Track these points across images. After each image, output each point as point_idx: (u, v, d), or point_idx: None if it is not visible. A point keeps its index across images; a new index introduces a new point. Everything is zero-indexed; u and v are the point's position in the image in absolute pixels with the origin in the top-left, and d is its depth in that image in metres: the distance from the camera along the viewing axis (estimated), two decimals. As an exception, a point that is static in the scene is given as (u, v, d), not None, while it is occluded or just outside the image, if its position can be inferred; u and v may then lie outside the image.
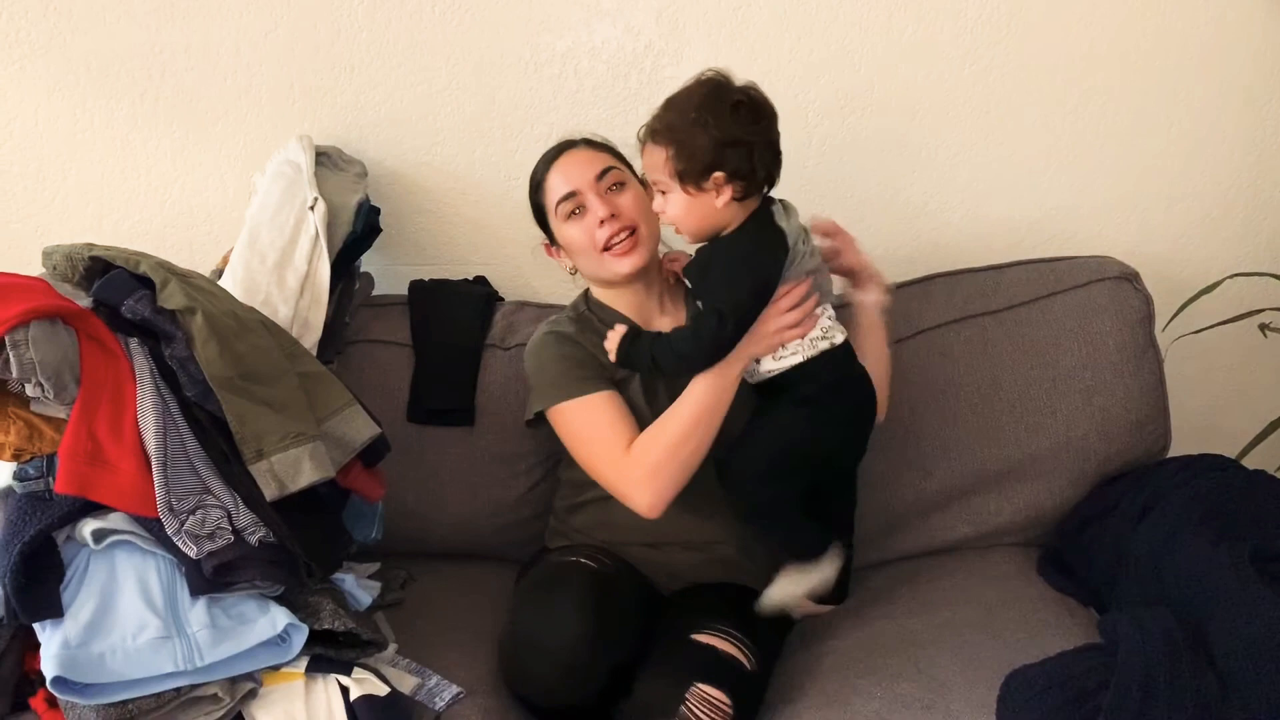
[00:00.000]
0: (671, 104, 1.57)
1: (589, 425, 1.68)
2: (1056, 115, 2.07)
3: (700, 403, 1.61)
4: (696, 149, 1.53)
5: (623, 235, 1.70)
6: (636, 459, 1.63)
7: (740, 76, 1.62)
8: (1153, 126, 2.08)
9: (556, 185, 1.73)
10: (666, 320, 1.79)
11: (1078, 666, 1.44)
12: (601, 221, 1.69)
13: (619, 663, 1.56)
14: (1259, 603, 1.42)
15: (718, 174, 1.54)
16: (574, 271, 1.80)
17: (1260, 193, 2.12)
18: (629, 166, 1.78)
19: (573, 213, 1.71)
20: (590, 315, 1.80)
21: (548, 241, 1.80)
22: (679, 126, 1.54)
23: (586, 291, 1.84)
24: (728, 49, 2.02)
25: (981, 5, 2.01)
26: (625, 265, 1.71)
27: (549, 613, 1.55)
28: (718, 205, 1.56)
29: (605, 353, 1.68)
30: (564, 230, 1.73)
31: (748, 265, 1.58)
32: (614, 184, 1.72)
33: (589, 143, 1.78)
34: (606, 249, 1.70)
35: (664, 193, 1.59)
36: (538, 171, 1.78)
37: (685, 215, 1.58)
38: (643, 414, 1.69)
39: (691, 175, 1.55)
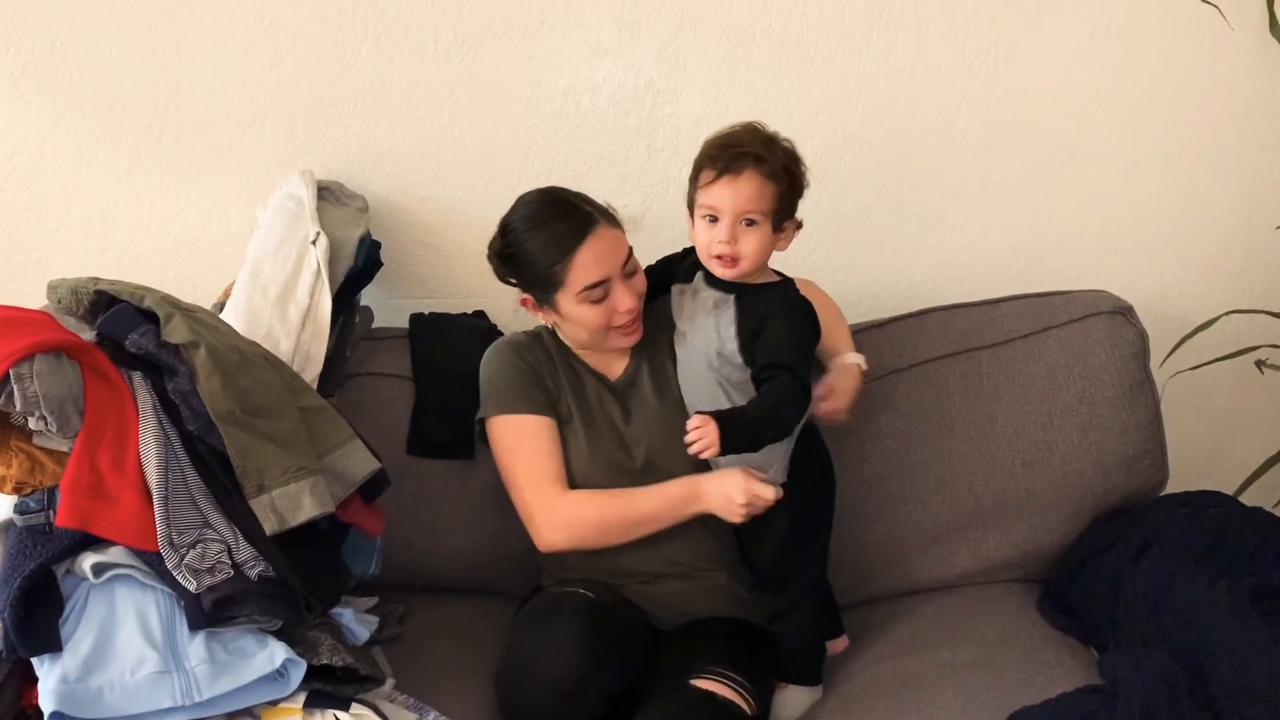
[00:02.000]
0: (769, 143, 1.61)
1: (520, 445, 1.73)
2: (1054, 152, 2.09)
3: (662, 514, 1.68)
4: (798, 188, 1.62)
5: (632, 318, 1.72)
6: (571, 503, 1.69)
7: (742, 115, 1.66)
8: (1149, 163, 2.10)
9: (587, 269, 1.65)
10: (619, 362, 1.81)
11: (1078, 708, 1.44)
12: (626, 310, 1.70)
13: (616, 693, 1.56)
14: (1258, 642, 1.43)
15: (794, 220, 1.64)
16: (552, 326, 1.80)
17: (1256, 230, 2.13)
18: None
19: (597, 299, 1.68)
20: (548, 339, 1.82)
21: (530, 299, 1.75)
22: (791, 169, 1.60)
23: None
24: (728, 87, 2.05)
25: (979, 43, 2.03)
26: (629, 342, 1.75)
27: (546, 640, 1.55)
28: (778, 248, 1.65)
29: (552, 375, 1.76)
30: (576, 310, 1.69)
31: (807, 322, 1.68)
32: (632, 269, 1.72)
33: (607, 216, 1.71)
34: (612, 329, 1.72)
35: (751, 224, 1.60)
36: (552, 246, 1.66)
37: (759, 251, 1.62)
38: (580, 452, 1.73)
39: (783, 216, 1.62)
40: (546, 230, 1.68)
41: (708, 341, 1.65)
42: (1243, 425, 2.24)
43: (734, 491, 1.62)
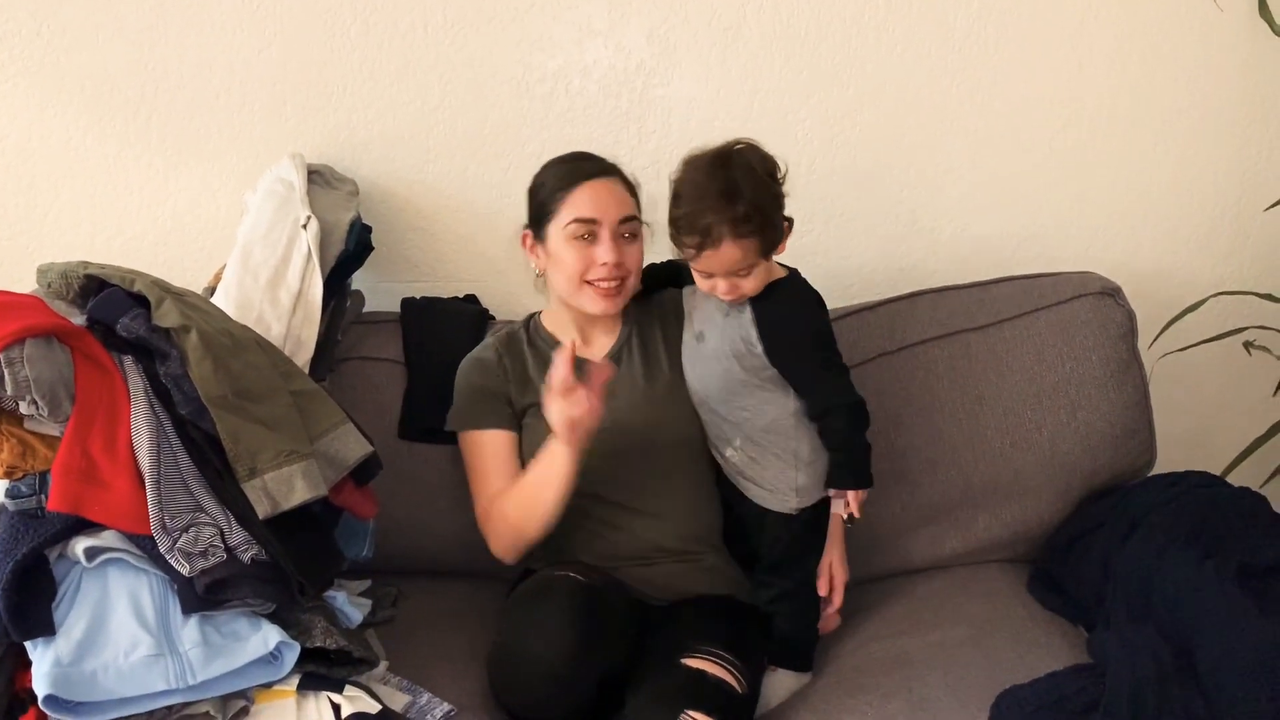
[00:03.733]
0: (728, 193, 1.55)
1: (474, 460, 1.79)
2: (1044, 134, 2.09)
3: (539, 474, 1.66)
4: (773, 216, 1.59)
5: (613, 282, 1.73)
6: (492, 516, 1.74)
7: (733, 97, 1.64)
8: (1139, 146, 2.11)
9: (581, 203, 1.72)
10: (606, 340, 1.82)
11: (1068, 687, 1.45)
12: (604, 263, 1.71)
13: (608, 674, 1.57)
14: (1245, 620, 1.44)
15: (785, 223, 1.63)
16: (541, 274, 1.82)
17: (1244, 212, 2.14)
18: (640, 212, 1.79)
19: (582, 236, 1.72)
20: (522, 338, 1.84)
21: (531, 233, 1.80)
22: (758, 207, 1.56)
23: (534, 316, 1.88)
24: (718, 69, 2.04)
25: (969, 25, 2.03)
26: (600, 307, 1.75)
27: (537, 623, 1.55)
28: (777, 254, 1.65)
29: (518, 380, 1.78)
30: (561, 246, 1.73)
31: (822, 308, 1.71)
32: (629, 233, 1.75)
33: (623, 178, 1.78)
34: (588, 283, 1.73)
35: (744, 276, 1.61)
36: (562, 177, 1.75)
37: (760, 283, 1.64)
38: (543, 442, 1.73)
39: (775, 242, 1.61)
40: (563, 165, 1.78)
41: (730, 341, 1.68)
42: (1230, 406, 2.25)
43: (551, 411, 1.59)
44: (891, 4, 2.02)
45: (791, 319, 1.67)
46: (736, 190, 1.55)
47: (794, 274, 1.72)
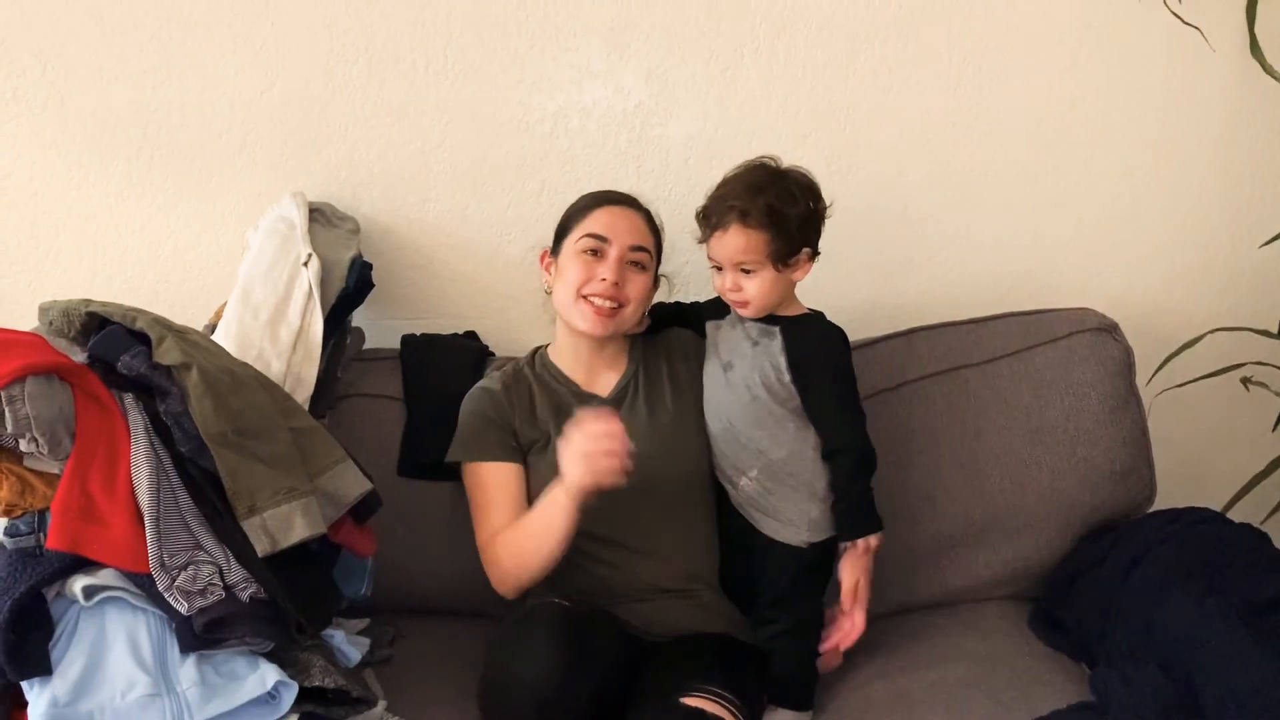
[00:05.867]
0: (757, 190, 1.64)
1: (478, 492, 1.77)
2: (1039, 172, 2.11)
3: (543, 516, 1.66)
4: (792, 228, 1.65)
5: (608, 303, 1.75)
6: (493, 553, 1.73)
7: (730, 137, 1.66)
8: (1134, 183, 2.12)
9: (596, 222, 1.78)
10: (612, 375, 1.84)
11: (1072, 725, 1.45)
12: (603, 279, 1.74)
13: (600, 701, 1.55)
14: (1248, 657, 1.43)
15: (805, 250, 1.67)
16: (548, 291, 1.85)
17: (1239, 248, 2.15)
18: (658, 255, 1.84)
19: (589, 251, 1.76)
20: (526, 373, 1.85)
21: (548, 250, 1.86)
22: (775, 209, 1.63)
23: (539, 350, 1.89)
24: (716, 109, 2.06)
25: (963, 65, 2.06)
26: (586, 325, 1.77)
27: (523, 649, 1.55)
28: (794, 279, 1.70)
29: (524, 415, 1.78)
30: (569, 259, 1.78)
31: (846, 347, 1.75)
32: (636, 262, 1.78)
33: (649, 216, 1.84)
34: (585, 298, 1.75)
35: (748, 272, 1.66)
36: (589, 199, 1.84)
37: (765, 292, 1.68)
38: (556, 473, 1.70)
39: (785, 254, 1.65)
40: (595, 194, 1.85)
41: (760, 370, 1.70)
42: (1229, 442, 2.25)
43: (573, 444, 1.56)
44: (887, 45, 2.04)
45: (820, 349, 1.70)
46: (762, 187, 1.65)
47: (819, 314, 1.76)
